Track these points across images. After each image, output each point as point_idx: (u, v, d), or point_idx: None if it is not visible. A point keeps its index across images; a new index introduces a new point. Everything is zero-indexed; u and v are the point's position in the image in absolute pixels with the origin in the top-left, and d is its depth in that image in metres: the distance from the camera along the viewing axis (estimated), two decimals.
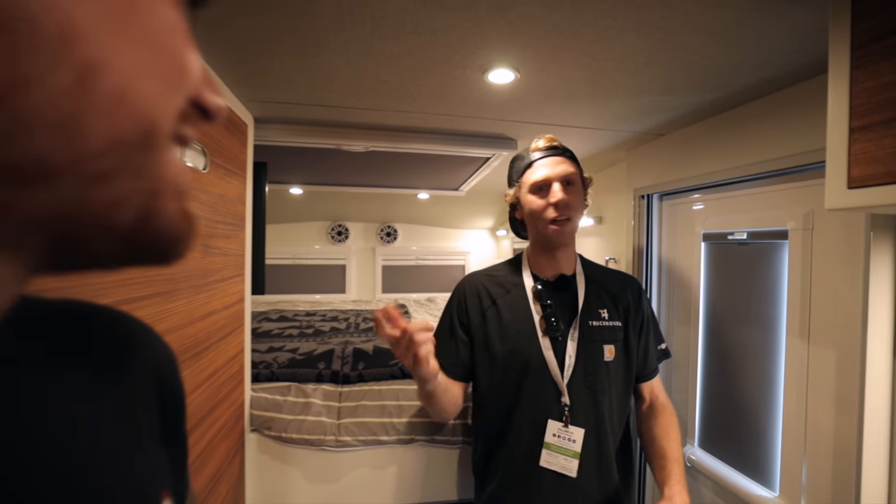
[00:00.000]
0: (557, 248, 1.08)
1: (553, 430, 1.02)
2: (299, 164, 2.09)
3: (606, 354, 1.04)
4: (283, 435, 1.36)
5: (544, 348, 1.03)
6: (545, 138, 1.08)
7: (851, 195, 0.66)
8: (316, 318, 2.50)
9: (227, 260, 1.15)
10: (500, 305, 1.11)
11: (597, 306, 1.08)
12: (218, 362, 1.09)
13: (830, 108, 0.69)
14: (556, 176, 1.02)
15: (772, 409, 1.16)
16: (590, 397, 1.02)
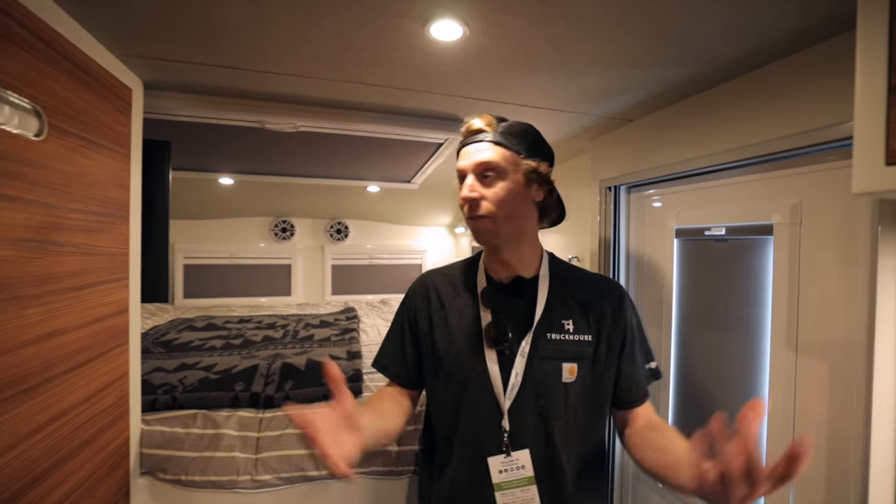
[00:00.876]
0: (497, 248, 0.90)
1: (497, 466, 0.84)
2: (221, 147, 1.80)
3: (565, 374, 0.85)
4: (184, 478, 1.10)
5: (489, 361, 0.85)
6: (480, 117, 0.88)
7: (892, 174, 0.50)
8: (250, 326, 2.21)
9: (90, 261, 0.87)
10: (449, 309, 0.93)
11: (560, 316, 0.89)
12: (73, 397, 0.82)
13: (860, 63, 0.54)
14: (471, 167, 0.85)
15: None
16: (539, 423, 0.84)
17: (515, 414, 0.84)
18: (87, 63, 0.86)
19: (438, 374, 0.91)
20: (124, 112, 1.02)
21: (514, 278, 0.91)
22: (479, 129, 0.87)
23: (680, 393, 1.25)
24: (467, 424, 0.86)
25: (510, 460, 0.84)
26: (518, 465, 0.84)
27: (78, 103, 0.82)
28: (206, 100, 1.22)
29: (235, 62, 1.02)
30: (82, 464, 0.85)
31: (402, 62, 1.01)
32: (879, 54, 0.52)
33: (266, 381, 1.34)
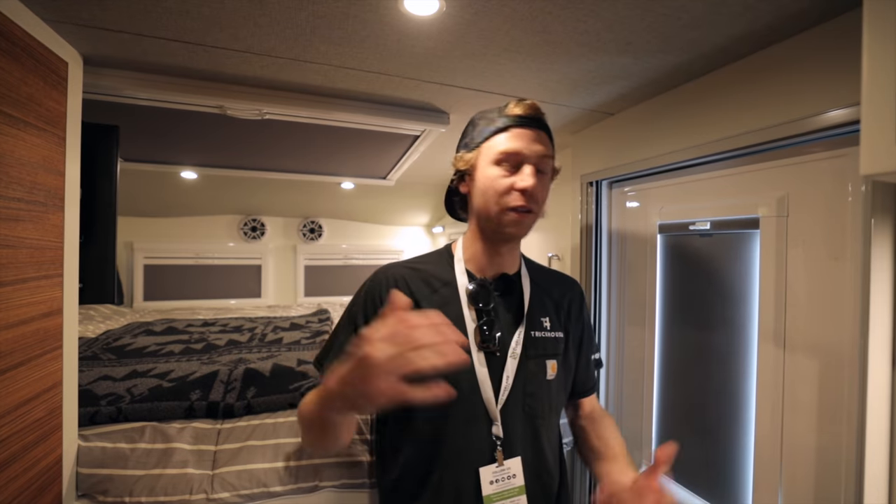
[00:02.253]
0: (507, 242, 0.83)
1: (488, 477, 0.77)
2: (182, 137, 1.67)
3: (549, 371, 0.83)
4: (128, 499, 0.98)
5: (478, 365, 0.78)
6: (528, 103, 0.80)
7: None
8: (214, 329, 2.07)
9: (11, 254, 0.76)
10: (425, 307, 0.82)
11: (539, 314, 0.86)
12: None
13: (867, 40, 0.50)
14: (534, 156, 0.77)
15: (741, 426, 1.00)
16: (527, 425, 0.81)
17: (506, 419, 0.79)
18: (7, 25, 0.75)
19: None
20: (58, 88, 0.90)
21: (500, 276, 0.85)
22: (539, 118, 0.80)
23: (664, 391, 1.22)
24: (454, 435, 0.77)
25: (502, 469, 0.78)
26: (509, 474, 0.79)
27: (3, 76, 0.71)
28: (157, 79, 1.11)
29: (185, 35, 0.91)
30: (2, 486, 0.74)
31: (374, 41, 0.93)
32: (889, 27, 0.48)
33: (226, 389, 1.23)
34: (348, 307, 0.88)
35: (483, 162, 0.80)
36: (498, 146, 0.79)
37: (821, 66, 0.81)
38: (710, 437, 1.08)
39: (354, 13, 0.82)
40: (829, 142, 0.84)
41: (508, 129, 0.80)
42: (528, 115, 0.80)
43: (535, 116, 0.80)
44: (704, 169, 1.09)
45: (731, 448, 1.02)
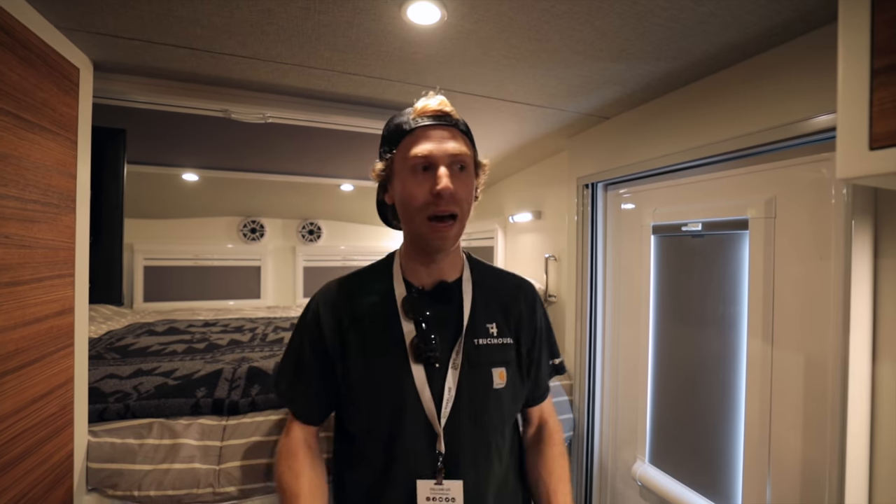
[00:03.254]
0: (437, 252, 0.79)
1: (425, 492, 0.75)
2: (185, 140, 1.70)
3: (496, 380, 0.80)
4: (137, 493, 1.01)
5: (417, 379, 0.76)
6: (437, 99, 0.77)
7: (876, 158, 0.50)
8: (215, 330, 2.09)
9: (28, 255, 0.79)
10: (364, 325, 0.81)
11: (484, 320, 0.83)
12: (5, 405, 0.73)
13: (842, 47, 0.53)
14: (445, 155, 0.73)
15: (732, 420, 1.03)
16: (476, 438, 0.78)
17: (450, 433, 0.76)
18: (24, 34, 0.77)
19: (358, 398, 0.79)
20: (70, 93, 0.93)
21: (438, 283, 0.82)
22: (446, 113, 0.76)
23: (657, 388, 1.25)
24: (397, 450, 0.76)
25: (441, 489, 0.76)
26: (448, 496, 0.76)
27: (12, 77, 0.74)
28: (164, 84, 1.14)
29: (195, 42, 0.95)
30: (15, 481, 0.76)
31: (376, 48, 0.96)
32: (862, 39, 0.51)
33: (231, 387, 1.26)
34: (295, 330, 0.88)
35: (398, 170, 0.76)
36: (408, 152, 0.74)
37: (805, 74, 0.84)
38: (702, 431, 1.11)
39: (358, 22, 0.86)
40: (813, 146, 0.88)
41: (415, 131, 0.75)
42: (433, 113, 0.76)
43: (443, 112, 0.76)
44: (696, 172, 1.13)
45: (722, 441, 1.06)
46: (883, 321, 0.76)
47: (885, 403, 0.76)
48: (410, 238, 0.82)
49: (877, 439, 0.77)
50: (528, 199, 2.05)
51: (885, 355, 0.76)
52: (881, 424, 0.76)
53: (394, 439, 0.76)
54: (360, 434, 0.81)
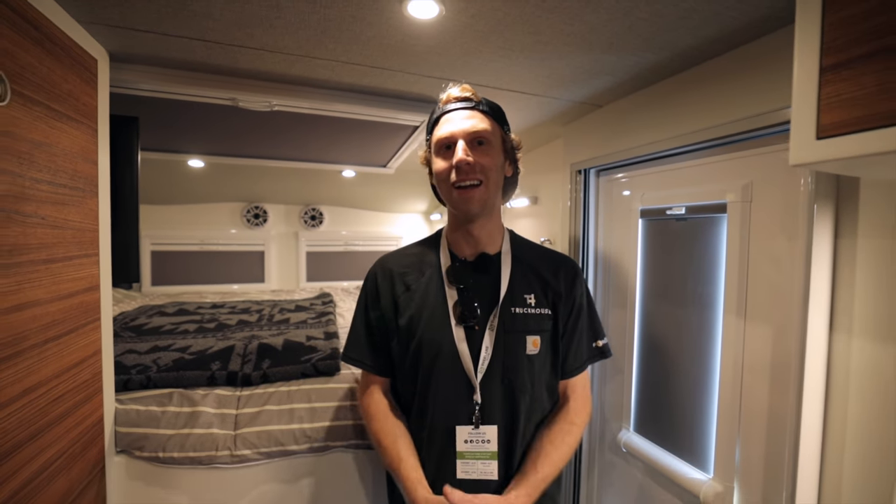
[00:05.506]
0: (471, 221, 0.91)
1: (463, 436, 0.88)
2: (192, 126, 1.75)
3: (529, 347, 0.90)
4: (161, 455, 1.10)
5: (457, 339, 0.88)
6: (460, 87, 0.91)
7: (821, 147, 0.57)
8: (223, 311, 2.18)
9: (60, 235, 0.86)
10: (414, 291, 0.94)
11: (523, 291, 0.93)
12: (46, 371, 0.81)
13: (798, 45, 0.59)
14: (462, 133, 0.86)
15: (708, 390, 1.12)
16: (506, 395, 0.89)
17: (486, 388, 0.88)
18: (50, 28, 0.83)
19: (407, 355, 0.92)
20: (90, 83, 0.99)
21: (479, 255, 0.95)
22: (465, 97, 0.90)
23: (643, 364, 1.34)
24: (439, 399, 0.89)
25: (477, 433, 0.88)
26: (484, 438, 0.88)
27: (42, 70, 0.80)
28: (175, 74, 1.20)
29: (206, 34, 1.00)
30: (56, 439, 0.85)
31: (379, 41, 1.02)
32: (814, 40, 0.57)
33: (243, 361, 1.35)
34: (358, 301, 1.01)
35: (433, 155, 0.91)
36: (436, 137, 0.90)
37: (781, 65, 0.90)
38: (682, 400, 1.20)
39: (361, 16, 0.91)
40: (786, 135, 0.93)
41: (440, 118, 0.90)
42: (456, 98, 0.90)
43: (463, 97, 0.90)
44: (681, 158, 1.19)
45: (699, 409, 1.14)
46: (840, 295, 0.84)
47: (838, 368, 0.84)
48: (450, 211, 0.95)
49: (830, 401, 0.85)
50: (526, 184, 2.11)
51: (841, 326, 0.84)
52: (835, 387, 0.84)
53: (437, 391, 0.88)
54: (408, 388, 0.94)
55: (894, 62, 0.49)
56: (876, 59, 0.50)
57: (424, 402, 0.91)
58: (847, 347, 0.83)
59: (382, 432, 0.93)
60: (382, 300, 0.96)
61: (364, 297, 1.00)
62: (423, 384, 0.91)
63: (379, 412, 0.95)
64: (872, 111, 0.51)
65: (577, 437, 0.95)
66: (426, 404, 0.91)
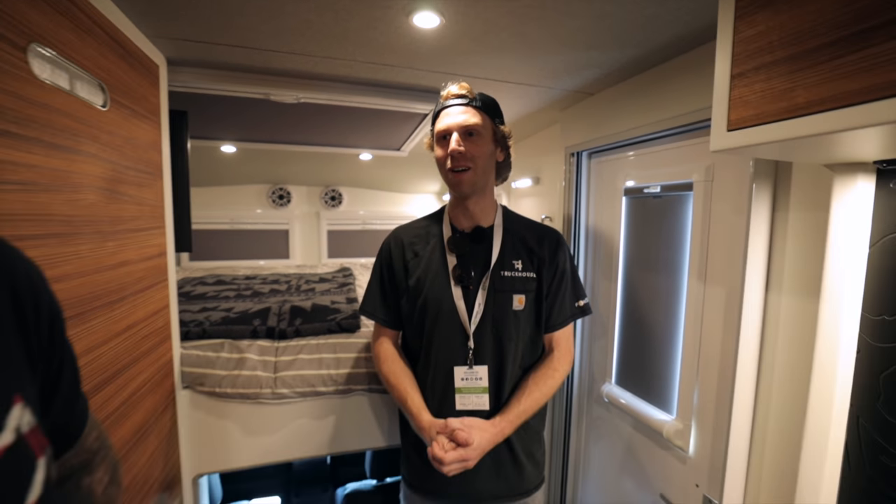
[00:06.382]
0: (466, 198, 1.11)
1: (461, 375, 1.09)
2: (227, 117, 1.96)
3: (515, 303, 1.10)
4: (217, 390, 1.35)
5: (456, 297, 1.09)
6: (458, 85, 1.09)
7: (729, 137, 0.73)
8: (255, 282, 2.43)
9: (141, 209, 1.08)
10: (421, 256, 1.15)
11: (511, 258, 1.12)
12: (137, 315, 1.05)
13: (718, 56, 0.75)
14: (456, 126, 1.05)
15: (674, 344, 1.30)
16: (495, 343, 1.09)
17: (478, 336, 1.09)
18: (131, 45, 1.04)
19: (415, 310, 1.13)
20: (155, 86, 1.20)
21: (475, 228, 1.14)
22: (461, 95, 1.08)
23: (624, 326, 1.52)
24: (440, 346, 1.10)
25: (471, 372, 1.09)
26: (477, 376, 1.09)
27: (127, 80, 1.01)
28: (218, 74, 1.40)
29: (246, 42, 1.19)
30: (144, 369, 1.09)
31: (390, 45, 1.19)
32: (727, 52, 0.73)
33: (279, 319, 1.58)
34: (374, 265, 1.23)
35: (434, 143, 1.10)
36: (436, 129, 1.08)
37: None
38: (653, 354, 1.38)
39: (375, 26, 1.09)
40: None
41: (440, 112, 1.09)
42: (453, 95, 1.08)
43: (459, 95, 1.08)
44: (659, 142, 1.34)
45: (667, 360, 1.32)
46: (774, 259, 1.00)
47: (771, 320, 1.01)
48: (450, 191, 1.15)
49: (765, 345, 1.02)
50: (529, 166, 2.26)
51: (774, 285, 1.00)
52: (768, 335, 1.01)
53: (439, 339, 1.10)
54: (416, 338, 1.15)
55: (770, 75, 0.65)
56: (759, 72, 0.66)
57: (429, 348, 1.12)
58: (778, 302, 1.00)
59: (391, 373, 1.15)
60: (395, 264, 1.17)
61: (379, 262, 1.21)
62: (429, 334, 1.12)
63: (388, 357, 1.17)
64: (758, 111, 0.67)
65: (557, 381, 1.15)
66: (431, 350, 1.12)
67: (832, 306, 0.84)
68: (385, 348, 1.19)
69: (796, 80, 0.62)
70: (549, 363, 1.16)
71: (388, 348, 1.19)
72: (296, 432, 1.43)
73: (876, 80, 0.53)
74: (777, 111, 0.65)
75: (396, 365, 1.16)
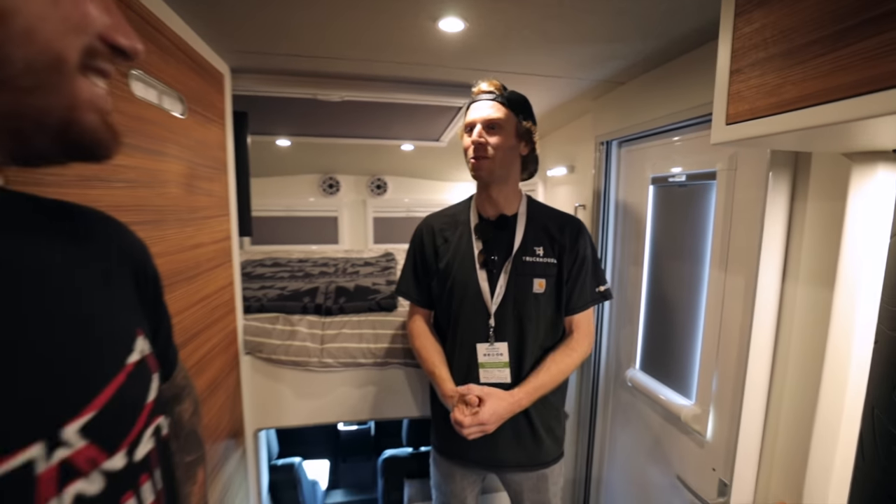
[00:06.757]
0: (488, 187, 1.21)
1: (483, 351, 1.20)
2: (282, 115, 2.17)
3: (535, 287, 1.19)
4: (273, 357, 1.56)
5: (480, 279, 1.19)
6: (487, 82, 1.17)
7: (728, 130, 0.77)
8: (307, 265, 2.67)
9: (211, 200, 1.28)
10: (450, 242, 1.26)
11: (533, 244, 1.21)
12: (209, 289, 1.25)
13: (719, 52, 0.79)
14: (479, 119, 1.14)
15: (695, 331, 1.32)
16: (515, 322, 1.19)
17: (499, 316, 1.19)
18: (202, 60, 1.22)
19: (444, 291, 1.25)
20: (220, 92, 1.39)
21: (499, 216, 1.23)
22: (488, 91, 1.18)
23: (649, 313, 1.55)
24: (465, 323, 1.21)
25: (493, 348, 1.19)
26: (498, 352, 1.19)
27: (199, 90, 1.19)
28: (274, 78, 1.57)
29: (296, 50, 1.34)
30: (212, 336, 1.30)
31: (422, 47, 1.29)
32: (727, 46, 0.77)
33: (325, 297, 1.77)
34: (408, 250, 1.35)
35: (463, 133, 1.19)
36: (465, 121, 1.18)
37: None
38: (675, 340, 1.41)
39: (407, 32, 1.19)
40: None
41: (470, 105, 1.18)
42: (480, 91, 1.17)
43: (486, 91, 1.16)
44: (684, 131, 1.35)
45: (689, 347, 1.35)
46: (792, 248, 1.01)
47: (787, 310, 1.02)
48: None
49: (780, 334, 1.04)
50: (564, 154, 2.29)
51: (791, 274, 1.01)
52: (784, 325, 1.03)
53: (465, 318, 1.21)
54: (444, 317, 1.28)
55: (763, 71, 0.68)
56: (755, 68, 0.70)
57: (456, 326, 1.24)
58: (794, 291, 1.01)
59: (422, 347, 1.28)
60: (426, 250, 1.29)
61: (413, 247, 1.34)
62: (455, 313, 1.23)
63: (420, 333, 1.30)
64: (752, 106, 0.71)
65: (575, 360, 1.23)
66: (457, 328, 1.23)
67: (847, 296, 0.84)
68: (418, 325, 1.32)
69: (786, 77, 0.66)
70: (568, 343, 1.23)
71: (420, 325, 1.32)
72: (339, 398, 1.62)
73: (849, 79, 0.56)
74: (767, 106, 0.68)
75: (427, 340, 1.29)
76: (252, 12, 1.08)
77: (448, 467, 1.33)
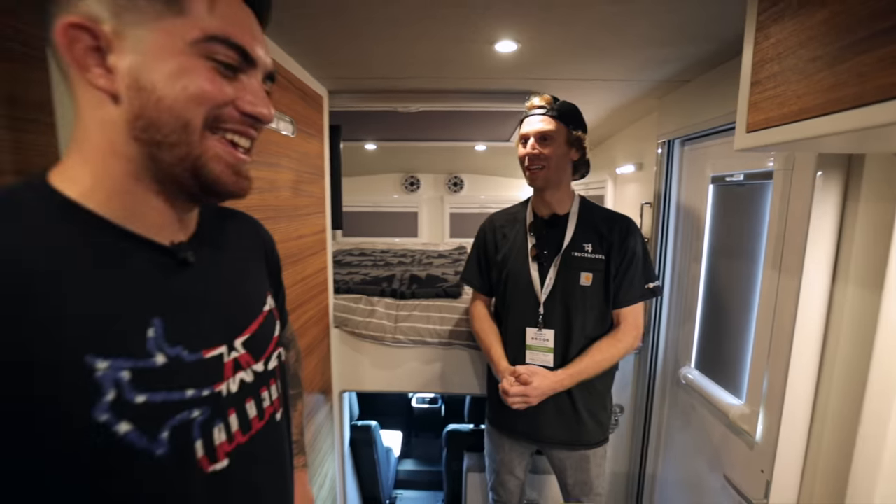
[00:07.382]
0: (542, 191, 1.33)
1: (531, 335, 1.34)
2: (368, 124, 2.49)
3: (583, 280, 1.30)
4: (356, 331, 1.85)
5: (532, 271, 1.34)
6: (539, 97, 1.30)
7: (748, 138, 0.83)
8: (388, 255, 2.99)
9: (311, 200, 1.59)
10: (508, 237, 1.42)
11: (582, 241, 1.32)
12: (308, 271, 1.56)
13: (742, 65, 0.85)
14: (532, 132, 1.28)
15: (748, 331, 1.32)
16: (563, 311, 1.31)
17: (548, 305, 1.32)
18: (306, 88, 1.53)
19: (501, 280, 1.42)
20: (319, 112, 1.70)
21: (552, 215, 1.36)
22: (540, 105, 1.31)
23: (705, 310, 1.55)
24: (517, 311, 1.37)
25: (540, 333, 1.33)
26: (544, 338, 1.33)
27: (305, 113, 1.50)
28: (362, 96, 1.85)
29: (379, 74, 1.60)
30: (310, 308, 1.61)
31: (482, 63, 1.46)
32: (749, 58, 0.83)
33: (400, 283, 2.04)
34: (472, 244, 1.53)
35: (518, 144, 1.33)
36: (519, 133, 1.32)
37: None
38: (729, 339, 1.41)
39: (469, 53, 1.37)
40: None
41: (523, 119, 1.32)
42: (532, 106, 1.29)
43: (538, 105, 1.28)
44: None
45: (741, 347, 1.35)
46: (843, 250, 1.00)
47: (836, 310, 1.02)
48: None
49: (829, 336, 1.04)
50: (632, 152, 2.30)
51: (840, 276, 1.01)
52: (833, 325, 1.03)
53: (516, 305, 1.38)
54: (500, 304, 1.46)
55: (777, 83, 0.74)
56: (770, 80, 0.76)
57: (510, 312, 1.40)
58: (843, 294, 1.00)
59: (482, 329, 1.46)
60: (488, 244, 1.47)
61: (477, 241, 1.52)
62: (510, 301, 1.40)
63: (480, 317, 1.49)
64: (766, 116, 0.77)
65: (620, 351, 1.32)
66: (510, 314, 1.40)
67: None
68: (478, 310, 1.51)
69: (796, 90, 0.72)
70: (615, 335, 1.33)
71: (480, 310, 1.50)
72: (408, 371, 1.87)
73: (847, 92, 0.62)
74: (778, 117, 0.75)
75: (486, 323, 1.47)
76: (345, 47, 1.34)
77: (499, 437, 1.50)
